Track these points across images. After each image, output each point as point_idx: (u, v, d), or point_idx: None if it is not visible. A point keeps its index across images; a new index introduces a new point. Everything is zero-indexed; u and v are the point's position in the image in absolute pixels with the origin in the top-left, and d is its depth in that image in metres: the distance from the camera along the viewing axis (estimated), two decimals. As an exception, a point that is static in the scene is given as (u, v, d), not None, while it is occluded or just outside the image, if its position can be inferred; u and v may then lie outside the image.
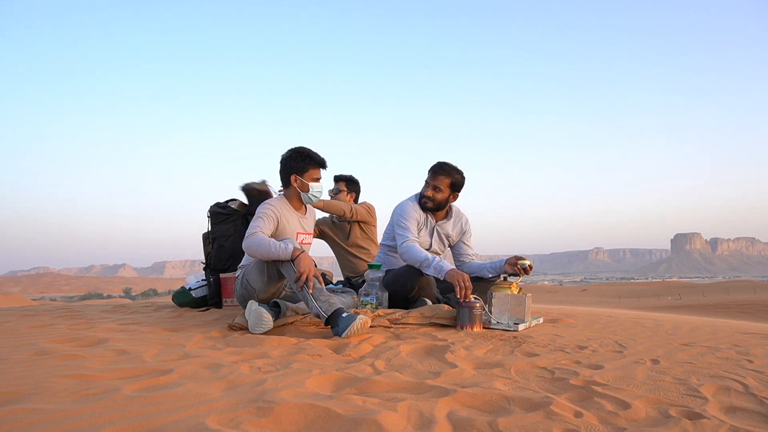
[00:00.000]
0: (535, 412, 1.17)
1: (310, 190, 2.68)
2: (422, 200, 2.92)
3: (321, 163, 2.71)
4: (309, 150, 2.71)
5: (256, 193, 3.39)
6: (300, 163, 2.67)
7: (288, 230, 2.67)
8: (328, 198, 2.57)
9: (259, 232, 2.45)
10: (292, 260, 2.30)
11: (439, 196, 2.90)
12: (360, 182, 3.92)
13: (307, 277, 2.23)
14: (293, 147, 2.72)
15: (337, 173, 3.87)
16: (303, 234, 2.78)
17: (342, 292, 2.73)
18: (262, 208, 2.61)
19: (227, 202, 3.61)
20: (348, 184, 3.84)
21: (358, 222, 3.69)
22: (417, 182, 2.89)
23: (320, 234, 3.81)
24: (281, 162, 2.72)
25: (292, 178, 2.68)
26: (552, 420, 1.13)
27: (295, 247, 2.32)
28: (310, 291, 2.23)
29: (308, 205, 2.85)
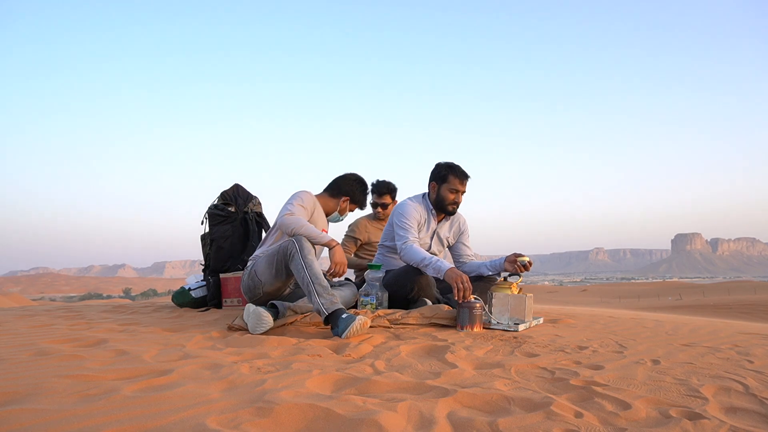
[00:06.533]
0: (535, 413, 1.17)
1: (344, 215, 2.93)
2: (450, 207, 2.96)
3: (363, 208, 3.00)
4: (367, 188, 2.97)
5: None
6: (359, 195, 2.90)
7: (317, 224, 2.78)
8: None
9: (296, 214, 2.56)
10: (329, 248, 2.49)
11: (461, 200, 3.03)
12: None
13: (339, 270, 2.45)
14: (361, 176, 2.93)
15: (379, 185, 3.75)
16: (325, 232, 2.91)
17: (341, 286, 2.73)
18: (302, 195, 2.69)
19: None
20: (393, 194, 3.78)
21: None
22: (413, 180, 2.91)
23: None
24: (346, 179, 2.89)
25: (345, 198, 2.87)
26: (552, 420, 1.12)
27: (331, 238, 2.51)
28: (339, 277, 2.47)
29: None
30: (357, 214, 3.89)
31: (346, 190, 2.87)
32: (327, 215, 2.90)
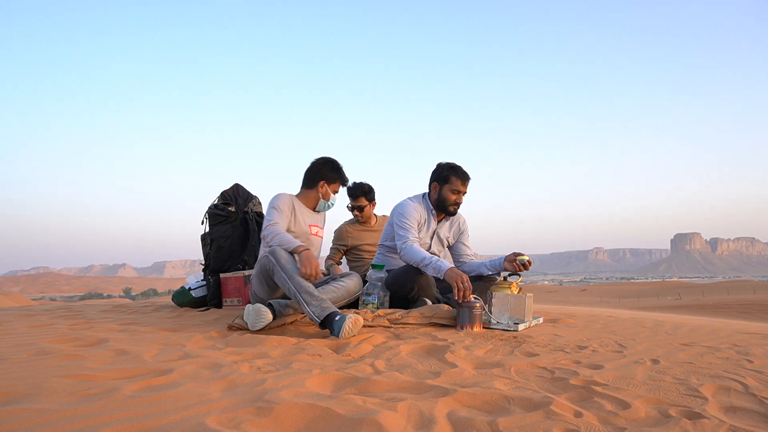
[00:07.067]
0: (535, 412, 1.17)
1: (330, 199, 2.91)
2: (452, 207, 2.96)
3: (345, 182, 2.99)
4: (341, 165, 2.94)
5: None
6: (332, 174, 2.89)
7: (301, 222, 2.82)
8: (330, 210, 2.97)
9: (276, 223, 2.64)
10: (297, 254, 2.46)
11: (462, 201, 3.02)
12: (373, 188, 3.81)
13: (310, 272, 2.36)
14: (327, 156, 2.93)
15: (353, 187, 3.70)
16: (316, 227, 2.94)
17: (343, 277, 2.72)
18: (277, 200, 2.75)
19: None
20: (367, 196, 3.74)
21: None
22: (413, 180, 2.90)
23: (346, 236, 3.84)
24: (313, 165, 2.91)
25: (321, 183, 2.88)
26: (552, 420, 1.13)
27: (300, 243, 2.49)
28: (315, 279, 2.38)
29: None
30: (343, 211, 3.93)
31: (317, 176, 2.89)
32: (315, 208, 2.93)
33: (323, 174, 2.88)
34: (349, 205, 3.77)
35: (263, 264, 2.47)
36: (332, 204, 2.97)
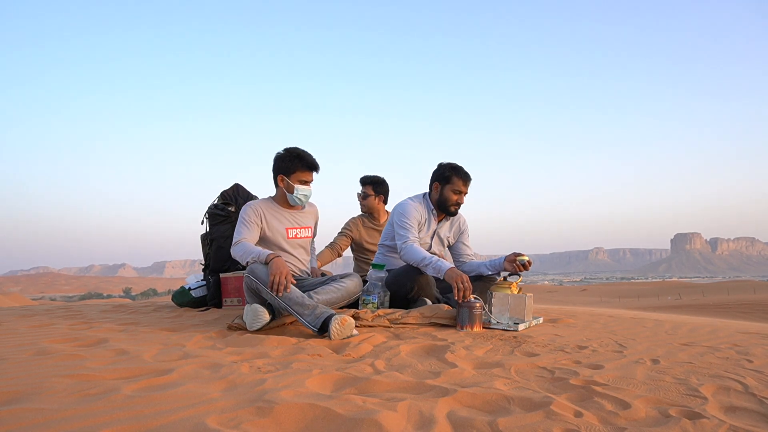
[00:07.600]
0: (535, 412, 1.17)
1: (295, 192, 2.67)
2: (453, 208, 2.95)
3: (311, 166, 2.68)
4: (301, 151, 2.67)
5: None
6: (288, 164, 2.65)
7: (275, 227, 2.69)
8: (310, 197, 2.70)
9: (242, 240, 2.54)
10: (266, 263, 2.36)
11: (463, 201, 3.01)
12: (388, 182, 3.82)
13: (279, 280, 2.24)
14: (287, 147, 2.70)
15: (364, 175, 3.80)
16: (295, 228, 2.77)
17: (343, 278, 2.68)
18: (243, 212, 2.64)
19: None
20: (375, 186, 3.76)
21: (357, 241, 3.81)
22: (413, 179, 2.90)
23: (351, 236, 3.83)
24: (273, 161, 2.72)
25: (279, 178, 2.69)
26: (552, 420, 1.13)
27: (269, 254, 2.39)
28: (287, 291, 2.26)
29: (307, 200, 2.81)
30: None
31: (274, 172, 2.71)
32: (289, 205, 2.76)
33: (277, 167, 2.68)
34: (358, 192, 3.83)
35: (247, 284, 2.42)
36: (304, 195, 2.70)
